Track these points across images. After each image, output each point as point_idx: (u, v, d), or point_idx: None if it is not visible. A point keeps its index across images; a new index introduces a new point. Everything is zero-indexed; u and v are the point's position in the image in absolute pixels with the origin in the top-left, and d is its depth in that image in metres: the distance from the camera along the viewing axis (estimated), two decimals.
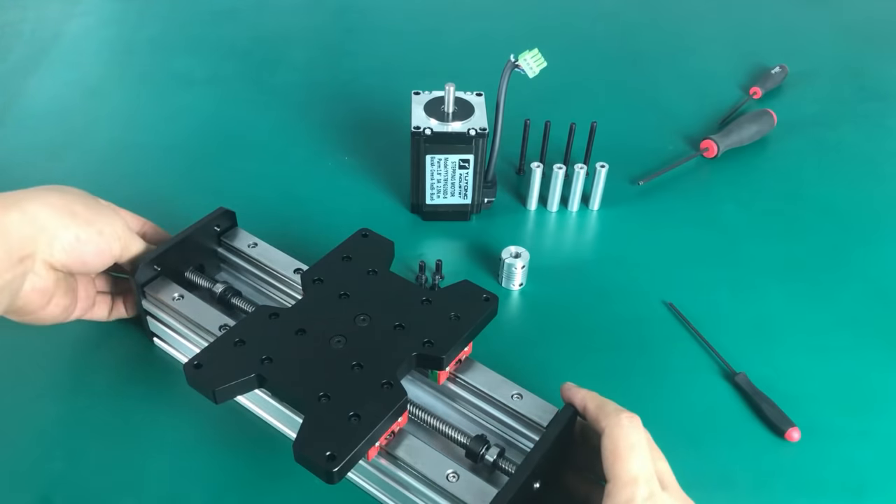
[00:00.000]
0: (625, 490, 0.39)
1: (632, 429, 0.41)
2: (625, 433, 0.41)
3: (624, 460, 0.40)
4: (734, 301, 0.67)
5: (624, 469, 0.39)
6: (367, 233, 0.59)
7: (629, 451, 0.40)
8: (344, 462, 0.42)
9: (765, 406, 0.57)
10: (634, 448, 0.40)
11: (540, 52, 0.64)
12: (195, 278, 0.59)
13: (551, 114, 0.78)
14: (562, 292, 0.67)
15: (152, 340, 0.60)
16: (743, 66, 1.00)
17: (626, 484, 0.39)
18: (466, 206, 0.73)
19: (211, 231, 0.61)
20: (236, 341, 0.49)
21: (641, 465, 0.40)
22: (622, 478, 0.39)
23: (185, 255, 0.59)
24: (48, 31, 1.02)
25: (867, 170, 0.84)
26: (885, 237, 0.74)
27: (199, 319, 0.54)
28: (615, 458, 0.40)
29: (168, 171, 0.79)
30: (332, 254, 0.57)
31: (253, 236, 0.62)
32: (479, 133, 0.67)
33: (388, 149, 0.82)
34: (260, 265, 0.60)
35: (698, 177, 0.81)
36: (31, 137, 0.84)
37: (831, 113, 0.93)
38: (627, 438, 0.41)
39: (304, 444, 0.43)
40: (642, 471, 0.39)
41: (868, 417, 0.58)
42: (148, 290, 0.56)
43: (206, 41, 1.02)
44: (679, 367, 0.61)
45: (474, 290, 0.53)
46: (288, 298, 0.59)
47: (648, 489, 0.39)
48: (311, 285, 0.54)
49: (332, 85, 0.95)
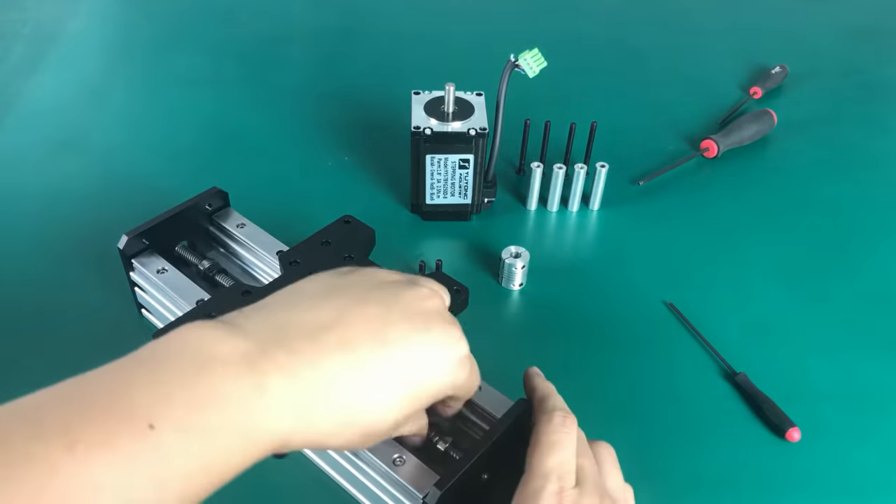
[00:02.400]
0: (535, 482, 0.39)
1: (560, 426, 0.42)
2: (551, 429, 0.42)
3: (542, 454, 0.41)
4: (734, 301, 0.67)
5: (540, 462, 0.40)
6: (349, 219, 0.60)
7: (549, 446, 0.41)
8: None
9: (765, 406, 0.57)
10: (555, 445, 0.41)
11: (540, 52, 0.64)
12: (185, 254, 0.60)
13: (551, 114, 0.78)
14: (562, 292, 0.67)
15: (140, 312, 0.62)
16: (743, 66, 1.00)
17: (538, 476, 0.40)
18: (466, 206, 0.73)
19: (202, 209, 0.62)
20: (206, 315, 0.50)
21: (558, 461, 0.40)
22: (535, 470, 0.40)
23: (174, 231, 0.60)
24: (48, 31, 1.02)
25: (867, 170, 0.84)
26: (886, 237, 0.74)
27: (179, 293, 0.56)
28: (534, 451, 0.41)
29: (168, 172, 0.79)
30: (313, 238, 0.57)
31: (243, 217, 0.63)
32: (479, 133, 0.67)
33: (388, 149, 0.82)
34: (246, 245, 0.61)
35: (698, 177, 0.81)
36: (31, 137, 0.84)
37: (831, 113, 0.93)
38: (551, 435, 0.41)
39: None
40: (557, 466, 0.40)
41: (868, 417, 0.58)
42: (136, 262, 0.58)
43: (206, 41, 1.02)
44: (679, 367, 0.61)
45: (446, 281, 0.54)
46: (271, 279, 0.60)
47: (559, 484, 0.39)
48: (288, 267, 0.55)
49: (333, 85, 0.95)
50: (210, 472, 0.31)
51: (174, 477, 0.29)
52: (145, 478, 0.28)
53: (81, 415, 0.28)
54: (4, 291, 0.65)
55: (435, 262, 0.65)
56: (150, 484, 0.28)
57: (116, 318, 0.62)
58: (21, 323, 0.62)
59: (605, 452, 0.44)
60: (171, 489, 0.29)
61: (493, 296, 0.66)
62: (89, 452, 0.27)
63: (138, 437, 0.28)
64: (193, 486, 0.30)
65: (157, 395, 0.30)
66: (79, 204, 0.74)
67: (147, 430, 0.28)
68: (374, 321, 0.38)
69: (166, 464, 0.29)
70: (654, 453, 0.55)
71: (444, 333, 0.40)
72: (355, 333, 0.37)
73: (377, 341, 0.37)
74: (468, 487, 0.43)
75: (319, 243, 0.57)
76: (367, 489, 0.48)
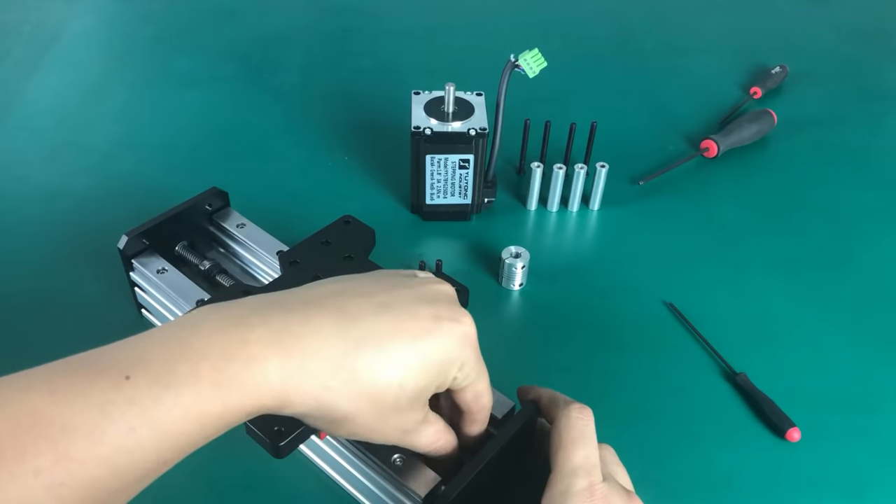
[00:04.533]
0: (564, 481, 0.39)
1: (579, 420, 0.41)
2: (572, 424, 0.41)
3: (567, 451, 0.40)
4: (734, 301, 0.67)
5: (566, 460, 0.40)
6: (349, 219, 0.60)
7: (572, 442, 0.40)
8: (290, 438, 0.42)
9: (765, 406, 0.57)
10: (578, 440, 0.40)
11: (540, 52, 0.64)
12: (185, 254, 0.60)
13: (551, 114, 0.78)
14: (562, 292, 0.67)
15: (140, 312, 0.62)
16: (743, 66, 1.00)
17: (566, 475, 0.39)
18: (466, 206, 0.73)
19: (202, 209, 0.62)
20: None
21: (584, 456, 0.40)
22: (562, 469, 0.39)
23: (174, 231, 0.60)
24: (48, 31, 1.02)
25: (867, 170, 0.84)
26: (886, 237, 0.74)
27: (179, 293, 0.56)
28: (558, 449, 0.40)
29: (168, 172, 0.79)
30: (313, 238, 0.57)
31: (243, 217, 0.63)
32: (479, 133, 0.67)
33: (388, 149, 0.82)
34: (246, 245, 0.61)
35: (698, 177, 0.81)
36: (31, 137, 0.84)
37: (831, 113, 0.93)
38: (573, 430, 0.41)
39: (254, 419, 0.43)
40: (583, 462, 0.39)
41: (868, 417, 0.58)
42: (136, 262, 0.58)
43: (206, 41, 1.02)
44: (679, 367, 0.61)
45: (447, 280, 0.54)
46: (271, 279, 0.60)
47: (588, 480, 0.39)
48: (288, 267, 0.55)
49: (332, 85, 0.95)
50: (188, 419, 0.31)
51: (148, 422, 0.30)
52: (118, 423, 0.30)
53: (65, 368, 0.31)
54: (4, 291, 0.65)
55: (435, 262, 0.65)
56: (123, 428, 0.30)
57: (116, 318, 0.62)
58: (21, 322, 0.62)
59: (607, 454, 0.44)
60: (146, 436, 0.30)
61: (493, 296, 0.66)
62: (66, 397, 0.29)
63: (113, 385, 0.30)
64: (174, 434, 0.31)
65: (138, 350, 0.32)
66: (79, 204, 0.74)
67: (122, 380, 0.30)
68: (380, 294, 0.38)
69: (140, 410, 0.30)
70: (654, 453, 0.55)
71: (450, 308, 0.39)
72: (357, 301, 0.37)
73: (380, 304, 0.37)
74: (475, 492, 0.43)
75: (319, 243, 0.57)
76: (367, 489, 0.48)
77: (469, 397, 0.42)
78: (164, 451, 0.31)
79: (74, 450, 0.29)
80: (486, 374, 0.42)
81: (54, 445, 0.28)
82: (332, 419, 0.36)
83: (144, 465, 0.30)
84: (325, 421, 0.36)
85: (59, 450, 0.28)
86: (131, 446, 0.30)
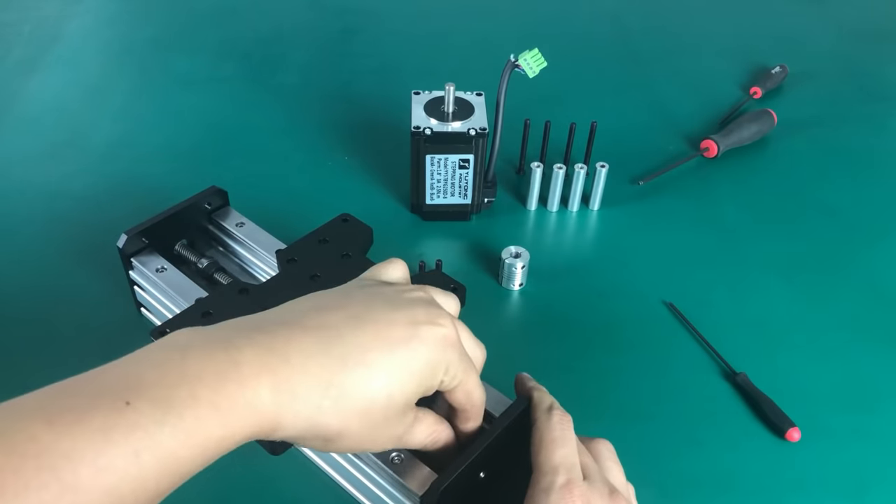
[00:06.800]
0: (545, 478, 0.40)
1: (559, 423, 0.42)
2: (551, 426, 0.42)
3: (548, 450, 0.41)
4: (734, 301, 0.67)
5: (546, 459, 0.40)
6: (347, 217, 0.60)
7: (553, 442, 0.41)
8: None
9: (765, 406, 0.57)
10: (558, 440, 0.41)
11: (540, 52, 0.64)
12: (184, 252, 0.60)
13: (551, 114, 0.78)
14: (562, 292, 0.67)
15: (139, 310, 0.62)
16: (743, 66, 1.00)
17: (546, 473, 0.40)
18: (466, 206, 0.73)
19: (201, 208, 0.62)
20: (204, 312, 0.50)
21: (563, 455, 0.41)
22: (543, 467, 0.40)
23: (174, 230, 0.60)
24: (48, 31, 1.02)
25: (867, 170, 0.84)
26: (886, 237, 0.74)
27: (178, 292, 0.56)
28: (539, 449, 0.41)
29: (168, 172, 0.79)
30: (310, 236, 0.58)
31: (242, 216, 0.63)
32: (479, 133, 0.67)
33: (388, 149, 0.82)
34: (245, 244, 0.61)
35: (698, 177, 0.81)
36: (31, 137, 0.84)
37: (831, 113, 0.93)
38: (553, 431, 0.42)
39: None
40: (563, 461, 0.40)
41: (868, 417, 0.58)
42: (135, 261, 0.58)
43: (206, 41, 1.02)
44: (679, 367, 0.61)
45: (444, 280, 0.54)
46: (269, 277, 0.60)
47: (567, 477, 0.39)
48: (285, 265, 0.55)
49: (332, 85, 0.95)
50: (191, 445, 0.31)
51: (151, 447, 0.30)
52: (123, 448, 0.29)
53: (57, 395, 0.30)
54: (4, 291, 0.65)
55: (435, 262, 0.65)
56: (127, 452, 0.29)
57: (116, 317, 0.62)
58: (21, 322, 0.62)
59: (604, 449, 0.44)
60: (149, 462, 0.30)
61: (493, 296, 0.66)
62: (66, 425, 0.29)
63: (114, 411, 0.29)
64: (175, 459, 0.31)
65: (131, 375, 0.31)
66: (79, 204, 0.74)
67: (123, 405, 0.30)
68: (355, 307, 0.39)
69: (143, 434, 0.29)
70: (654, 453, 0.55)
71: (427, 312, 0.40)
72: (334, 317, 0.38)
73: (356, 317, 0.38)
74: (467, 485, 0.43)
75: (317, 241, 0.57)
76: (366, 489, 0.48)
77: (461, 397, 0.42)
78: (164, 479, 0.30)
79: (79, 479, 0.28)
80: (473, 372, 0.42)
81: (58, 476, 0.27)
82: (325, 438, 0.36)
83: (144, 494, 0.30)
84: (317, 440, 0.36)
85: (63, 480, 0.27)
86: (136, 473, 0.29)
